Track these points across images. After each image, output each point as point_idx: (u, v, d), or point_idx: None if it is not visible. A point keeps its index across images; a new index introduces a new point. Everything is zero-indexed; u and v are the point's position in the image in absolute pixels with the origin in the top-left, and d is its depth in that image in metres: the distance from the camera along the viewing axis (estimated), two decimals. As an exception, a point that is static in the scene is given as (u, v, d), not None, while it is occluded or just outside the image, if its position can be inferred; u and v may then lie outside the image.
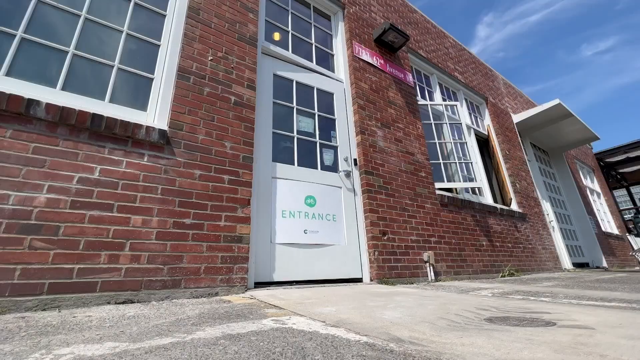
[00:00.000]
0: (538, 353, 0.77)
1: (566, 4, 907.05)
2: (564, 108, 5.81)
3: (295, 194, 2.57)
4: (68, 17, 1.91)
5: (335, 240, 2.61)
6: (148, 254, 1.65)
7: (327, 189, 2.75)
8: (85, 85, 1.85)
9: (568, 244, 6.23)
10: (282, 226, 2.40)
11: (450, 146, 4.09)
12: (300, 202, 2.57)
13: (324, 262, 2.48)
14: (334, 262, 2.52)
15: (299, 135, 2.82)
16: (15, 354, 0.76)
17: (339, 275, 2.50)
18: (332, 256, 2.54)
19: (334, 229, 2.64)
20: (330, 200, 2.72)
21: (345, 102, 3.17)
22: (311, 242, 2.49)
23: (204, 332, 0.98)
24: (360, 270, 2.62)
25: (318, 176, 2.74)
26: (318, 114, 3.01)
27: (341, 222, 2.70)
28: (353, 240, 2.69)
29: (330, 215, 2.67)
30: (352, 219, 2.77)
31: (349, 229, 2.71)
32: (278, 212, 2.42)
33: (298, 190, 2.60)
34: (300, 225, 2.50)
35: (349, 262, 2.58)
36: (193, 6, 2.33)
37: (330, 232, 2.61)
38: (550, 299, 1.80)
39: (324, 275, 2.45)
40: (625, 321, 1.13)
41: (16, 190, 1.41)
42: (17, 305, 1.29)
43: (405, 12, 4.73)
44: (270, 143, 2.56)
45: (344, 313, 1.30)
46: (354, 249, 2.66)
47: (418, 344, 0.86)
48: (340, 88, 3.26)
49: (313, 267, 2.42)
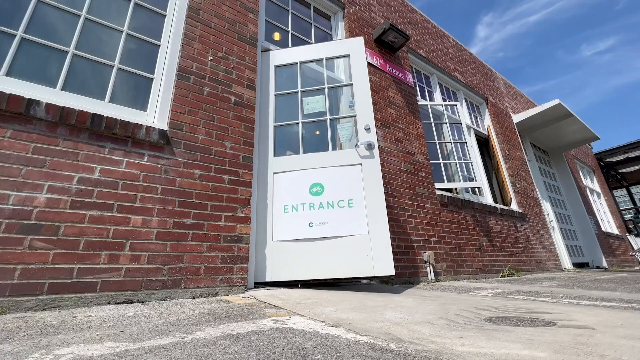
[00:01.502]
0: (538, 353, 0.77)
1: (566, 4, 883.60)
2: (564, 108, 5.82)
3: (298, 185, 2.37)
4: (68, 17, 1.91)
5: (351, 230, 2.19)
6: (148, 254, 1.65)
7: (339, 171, 2.36)
8: (85, 85, 1.85)
9: (568, 244, 6.23)
10: (283, 222, 2.27)
11: (450, 146, 4.09)
12: (304, 193, 2.34)
13: (336, 257, 2.14)
14: (352, 257, 2.12)
15: (305, 119, 2.60)
16: (15, 354, 0.76)
17: (357, 273, 2.08)
18: (348, 250, 2.16)
19: (350, 216, 2.22)
20: (345, 183, 2.31)
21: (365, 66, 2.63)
22: (318, 236, 2.20)
23: (204, 332, 0.98)
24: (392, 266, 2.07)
25: (328, 159, 2.41)
26: (328, 87, 2.67)
27: (361, 207, 2.22)
28: (379, 227, 2.16)
29: (345, 201, 2.26)
30: (377, 201, 2.22)
31: (372, 214, 2.20)
32: (279, 208, 2.31)
33: (302, 180, 2.38)
34: (304, 218, 2.27)
35: (373, 256, 2.09)
36: (193, 6, 2.33)
37: (344, 221, 2.22)
38: (550, 299, 1.80)
39: (335, 273, 2.11)
40: (625, 321, 1.13)
41: (16, 190, 1.41)
42: (17, 305, 1.29)
43: (405, 12, 4.73)
44: (272, 139, 2.50)
45: (344, 313, 1.30)
46: (380, 239, 2.12)
47: (418, 344, 0.86)
48: (356, 47, 2.71)
49: (320, 264, 2.14)
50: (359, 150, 2.39)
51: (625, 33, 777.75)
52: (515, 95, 6.97)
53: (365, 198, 2.24)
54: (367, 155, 2.36)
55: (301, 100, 2.65)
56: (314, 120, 2.62)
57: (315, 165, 2.41)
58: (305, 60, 2.75)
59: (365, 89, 2.56)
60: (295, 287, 2.18)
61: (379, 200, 2.22)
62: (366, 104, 2.53)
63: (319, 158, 2.43)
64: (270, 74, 2.71)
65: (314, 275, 2.13)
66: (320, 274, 2.13)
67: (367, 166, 2.33)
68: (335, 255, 2.14)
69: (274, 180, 2.40)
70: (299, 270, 2.16)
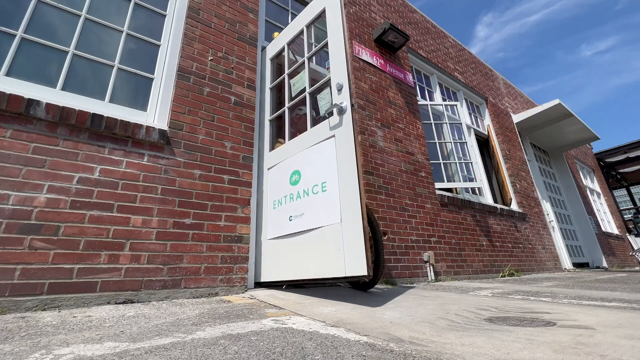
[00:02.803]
0: (538, 353, 0.77)
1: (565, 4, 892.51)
2: (564, 108, 5.82)
3: (282, 176, 2.16)
4: (68, 17, 1.91)
5: (324, 219, 1.76)
6: (148, 254, 1.65)
7: (314, 151, 1.98)
8: (85, 85, 1.85)
9: (568, 244, 6.23)
10: (272, 219, 2.14)
11: (450, 146, 4.09)
12: (286, 185, 2.10)
13: (313, 253, 1.78)
14: (323, 253, 1.72)
15: (290, 103, 2.37)
16: (15, 354, 0.76)
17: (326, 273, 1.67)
18: (321, 244, 1.75)
19: (324, 203, 1.80)
20: (319, 164, 1.91)
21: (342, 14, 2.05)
22: (296, 230, 1.91)
23: (204, 332, 0.98)
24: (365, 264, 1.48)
25: (306, 140, 2.06)
26: (308, 58, 2.32)
27: (334, 190, 1.76)
28: (352, 212, 1.62)
29: (319, 185, 1.86)
30: (350, 180, 1.69)
31: (345, 197, 1.68)
32: (270, 205, 2.20)
33: (285, 171, 2.15)
34: (285, 212, 2.03)
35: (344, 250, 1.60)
36: (193, 6, 2.33)
37: (318, 210, 1.82)
38: (550, 299, 1.80)
39: (307, 273, 1.78)
40: (625, 321, 1.13)
41: (16, 190, 1.41)
42: (17, 305, 1.29)
43: (405, 12, 4.73)
44: (267, 134, 2.45)
45: (344, 313, 1.30)
46: (353, 228, 1.58)
47: (418, 344, 0.86)
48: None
49: (298, 262, 1.86)
50: (331, 119, 1.91)
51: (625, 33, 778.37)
52: (515, 95, 6.97)
53: (339, 178, 1.77)
54: (337, 124, 1.86)
55: (288, 84, 2.45)
56: (297, 102, 2.35)
57: (295, 150, 2.12)
58: (290, 39, 2.51)
59: (339, 41, 2.02)
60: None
61: (352, 178, 1.68)
62: (339, 58, 1.99)
63: (299, 142, 2.13)
64: (267, 69, 2.69)
65: (291, 275, 1.89)
66: (296, 274, 1.86)
67: (340, 137, 1.83)
68: (312, 251, 1.80)
69: (267, 176, 2.32)
70: (278, 271, 1.98)
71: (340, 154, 1.80)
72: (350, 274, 1.55)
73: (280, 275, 1.97)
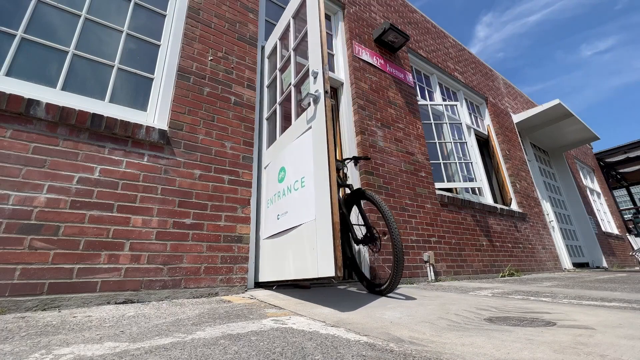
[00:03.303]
0: (538, 353, 0.77)
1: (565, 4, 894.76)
2: (564, 108, 5.81)
3: (273, 175, 2.11)
4: (68, 17, 1.91)
5: (303, 216, 1.66)
6: (148, 254, 1.65)
7: (294, 145, 1.89)
8: (85, 85, 1.85)
9: (568, 244, 6.23)
10: (266, 218, 2.13)
11: (450, 146, 4.09)
12: (275, 182, 2.05)
13: (295, 252, 1.69)
14: (301, 252, 1.63)
15: (281, 98, 2.32)
16: (15, 354, 0.76)
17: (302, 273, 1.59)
18: (297, 244, 1.69)
19: (302, 199, 1.70)
20: (300, 158, 1.81)
21: None
22: (281, 229, 1.86)
23: (204, 332, 0.98)
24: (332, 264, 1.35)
25: (291, 134, 1.99)
26: (294, 49, 2.23)
27: (310, 185, 1.66)
28: (324, 207, 1.50)
29: (299, 181, 1.77)
30: (322, 172, 1.57)
31: (320, 191, 1.56)
32: (265, 204, 2.19)
33: (275, 169, 2.10)
34: (274, 211, 1.98)
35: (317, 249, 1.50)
36: (193, 6, 2.33)
37: (298, 207, 1.73)
38: (550, 299, 1.80)
39: (288, 273, 1.72)
40: (625, 321, 1.13)
41: (16, 190, 1.41)
42: (17, 305, 1.29)
43: (405, 12, 4.73)
44: (265, 133, 2.45)
45: (344, 313, 1.30)
46: (325, 225, 1.46)
47: (418, 344, 0.86)
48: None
49: (282, 263, 1.81)
50: (309, 110, 1.81)
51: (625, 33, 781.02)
52: (515, 95, 6.97)
53: (314, 172, 1.65)
54: (313, 115, 1.75)
55: (280, 79, 2.39)
56: (286, 96, 2.26)
57: (283, 147, 2.06)
58: (281, 33, 2.45)
59: (316, 25, 1.88)
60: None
61: (324, 172, 1.56)
62: (316, 44, 1.84)
63: (285, 138, 2.06)
64: (265, 68, 2.68)
65: (277, 276, 1.84)
66: (281, 274, 1.80)
67: (315, 128, 1.71)
68: (293, 251, 1.73)
69: (263, 175, 2.33)
70: (270, 271, 1.94)
71: (315, 147, 1.69)
72: (321, 275, 1.44)
73: (270, 276, 1.95)
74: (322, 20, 1.87)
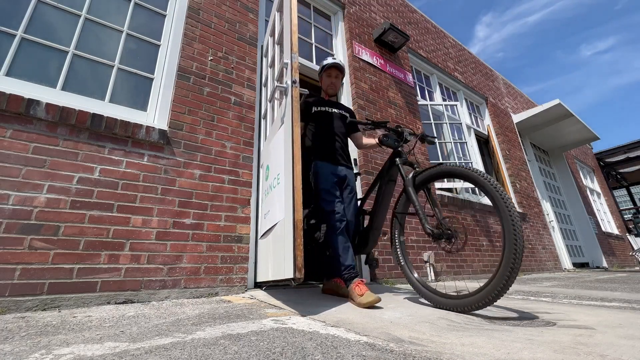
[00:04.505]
0: (538, 353, 0.77)
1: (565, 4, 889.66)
2: (564, 108, 5.81)
3: (263, 173, 2.09)
4: (68, 17, 1.91)
5: (277, 214, 1.61)
6: (148, 254, 1.65)
7: (273, 142, 1.86)
8: (86, 85, 1.85)
9: (568, 244, 6.23)
10: (260, 217, 2.12)
11: (450, 146, 4.09)
12: (264, 181, 2.03)
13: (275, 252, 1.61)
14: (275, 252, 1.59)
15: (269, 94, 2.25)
16: (15, 354, 0.76)
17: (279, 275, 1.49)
18: (273, 243, 1.65)
19: (278, 196, 1.63)
20: (276, 155, 1.75)
21: None
22: (266, 228, 1.81)
23: (204, 332, 0.98)
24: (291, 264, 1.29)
25: (273, 131, 1.96)
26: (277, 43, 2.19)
27: (282, 181, 1.59)
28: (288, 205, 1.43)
29: (276, 178, 1.70)
30: (288, 167, 1.50)
31: (287, 188, 1.48)
32: (260, 204, 2.16)
33: (264, 166, 2.07)
34: (264, 209, 1.96)
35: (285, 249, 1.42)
36: (193, 6, 2.33)
37: (275, 206, 1.67)
38: (550, 299, 1.80)
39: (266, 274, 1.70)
40: (625, 321, 1.13)
41: (16, 190, 1.41)
42: (17, 305, 1.29)
43: (405, 12, 4.73)
44: (263, 133, 2.41)
45: (344, 313, 1.30)
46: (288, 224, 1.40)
47: (418, 344, 0.86)
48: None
49: (266, 263, 1.76)
50: (282, 104, 1.75)
51: (625, 33, 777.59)
52: (515, 95, 6.97)
53: (284, 168, 1.56)
54: (283, 110, 1.68)
55: (270, 76, 2.36)
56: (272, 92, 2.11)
57: (268, 144, 2.04)
58: (270, 29, 2.41)
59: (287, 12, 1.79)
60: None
61: (288, 165, 1.49)
62: (287, 32, 1.75)
63: (270, 134, 2.03)
64: (263, 67, 2.68)
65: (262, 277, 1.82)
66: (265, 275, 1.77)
67: (285, 123, 1.63)
68: (272, 250, 1.67)
69: (260, 174, 2.29)
70: (260, 271, 1.93)
71: (286, 141, 1.59)
72: (288, 276, 1.35)
73: (261, 276, 1.91)
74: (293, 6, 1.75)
